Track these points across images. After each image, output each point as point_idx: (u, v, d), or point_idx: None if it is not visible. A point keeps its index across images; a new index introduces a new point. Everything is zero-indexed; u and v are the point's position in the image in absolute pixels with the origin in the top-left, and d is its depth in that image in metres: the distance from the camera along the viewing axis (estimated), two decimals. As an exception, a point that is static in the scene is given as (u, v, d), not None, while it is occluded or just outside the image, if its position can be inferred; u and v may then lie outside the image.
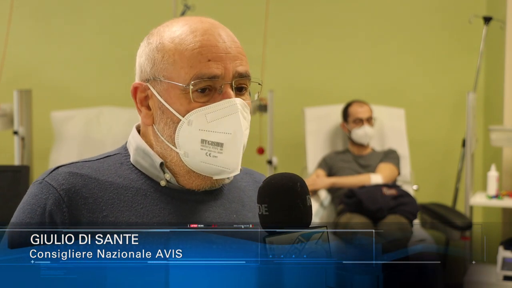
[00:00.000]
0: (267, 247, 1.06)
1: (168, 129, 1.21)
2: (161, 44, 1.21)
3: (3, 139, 4.80)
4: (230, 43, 1.21)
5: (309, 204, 1.09)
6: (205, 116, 1.18)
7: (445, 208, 4.40)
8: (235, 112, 1.18)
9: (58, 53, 5.05)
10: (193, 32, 1.20)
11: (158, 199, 1.21)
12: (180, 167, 1.23)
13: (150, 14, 4.95)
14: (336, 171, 4.33)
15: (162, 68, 1.20)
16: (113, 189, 1.20)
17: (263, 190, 1.10)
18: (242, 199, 1.31)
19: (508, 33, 4.51)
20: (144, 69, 1.24)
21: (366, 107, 4.41)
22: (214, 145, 1.18)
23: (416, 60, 4.99)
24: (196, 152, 1.19)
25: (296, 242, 1.06)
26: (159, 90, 1.21)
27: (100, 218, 1.17)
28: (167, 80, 1.20)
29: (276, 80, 4.71)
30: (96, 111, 4.64)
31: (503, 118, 4.53)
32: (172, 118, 1.20)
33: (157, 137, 1.23)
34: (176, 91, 1.19)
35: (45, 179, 1.20)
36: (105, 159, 1.27)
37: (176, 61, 1.19)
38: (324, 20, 5.02)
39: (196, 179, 1.23)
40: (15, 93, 4.21)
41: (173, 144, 1.21)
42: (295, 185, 1.09)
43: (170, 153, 1.22)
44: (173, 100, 1.20)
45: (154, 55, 1.22)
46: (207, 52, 1.18)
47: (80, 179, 1.19)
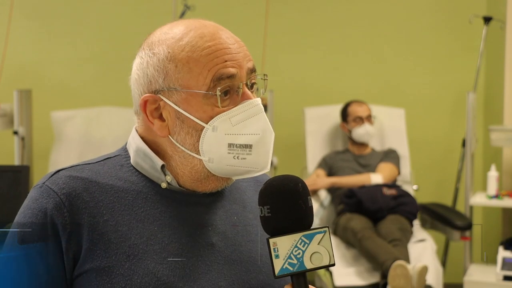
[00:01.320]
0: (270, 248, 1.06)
1: (191, 138, 1.19)
2: (171, 54, 1.19)
3: (3, 139, 4.80)
4: (237, 43, 1.21)
5: (310, 205, 1.10)
6: (230, 120, 1.18)
7: (445, 208, 4.40)
8: (260, 112, 1.19)
9: (58, 53, 5.05)
10: (202, 37, 1.19)
11: (158, 202, 1.21)
12: (200, 173, 1.21)
13: (150, 14, 4.95)
14: (336, 171, 4.33)
15: (177, 77, 1.18)
16: (114, 192, 1.20)
17: (265, 191, 1.10)
18: (243, 200, 1.30)
19: (508, 33, 4.51)
20: (155, 80, 1.20)
21: (365, 106, 4.42)
22: (243, 148, 1.18)
23: (416, 60, 4.99)
24: (223, 157, 1.18)
25: (299, 243, 1.06)
26: (176, 100, 1.19)
27: (101, 222, 1.16)
28: (185, 89, 1.18)
29: (276, 80, 4.71)
30: (96, 111, 4.65)
31: (503, 118, 4.53)
32: (194, 127, 1.18)
33: (175, 148, 1.21)
34: (197, 98, 1.18)
35: (45, 183, 1.19)
36: (105, 161, 1.26)
37: (192, 69, 1.18)
38: (324, 20, 5.02)
39: (213, 182, 1.23)
40: (15, 93, 4.22)
41: (197, 152, 1.19)
42: (296, 186, 1.09)
43: (192, 161, 1.21)
44: (194, 108, 1.18)
45: (166, 66, 1.19)
46: (222, 54, 1.18)
47: (80, 182, 1.19)
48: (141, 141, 1.25)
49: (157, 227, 1.18)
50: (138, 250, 1.15)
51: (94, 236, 1.15)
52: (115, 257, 1.14)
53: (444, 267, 4.48)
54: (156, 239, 1.17)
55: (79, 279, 1.15)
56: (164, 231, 1.18)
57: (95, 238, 1.14)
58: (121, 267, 1.13)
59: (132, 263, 1.14)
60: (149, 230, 1.17)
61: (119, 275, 1.13)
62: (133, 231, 1.16)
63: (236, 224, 1.25)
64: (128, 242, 1.15)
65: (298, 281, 1.08)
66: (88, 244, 1.14)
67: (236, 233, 1.24)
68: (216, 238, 1.21)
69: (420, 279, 3.43)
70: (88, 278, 1.14)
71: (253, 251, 1.24)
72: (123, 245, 1.15)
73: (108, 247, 1.14)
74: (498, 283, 3.86)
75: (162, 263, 1.15)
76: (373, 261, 3.67)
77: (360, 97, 4.57)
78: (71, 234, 1.14)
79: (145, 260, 1.14)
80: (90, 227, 1.15)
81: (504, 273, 3.84)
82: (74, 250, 1.14)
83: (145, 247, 1.15)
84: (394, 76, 5.00)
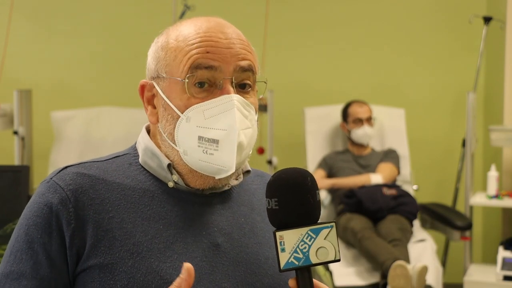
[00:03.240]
0: (277, 241, 1.06)
1: (169, 125, 1.20)
2: (166, 42, 1.22)
3: (3, 139, 4.80)
4: (234, 40, 1.21)
5: (318, 199, 1.09)
6: (203, 113, 1.17)
7: (445, 208, 4.40)
8: (231, 108, 1.17)
9: (58, 53, 5.05)
10: (197, 30, 1.21)
11: (165, 201, 1.21)
12: (182, 166, 1.22)
13: (150, 14, 4.95)
14: (336, 171, 4.33)
15: (164, 64, 1.21)
16: (120, 190, 1.20)
17: (273, 184, 1.09)
18: (252, 202, 1.29)
19: (508, 33, 4.51)
20: (150, 67, 1.25)
21: (366, 107, 4.41)
22: (210, 142, 1.17)
23: (416, 60, 4.99)
24: (194, 150, 1.18)
25: (305, 237, 1.06)
26: (162, 87, 1.22)
27: (106, 219, 1.16)
28: (169, 76, 1.20)
29: (276, 80, 4.71)
30: (96, 111, 4.64)
31: (503, 118, 4.53)
32: (172, 115, 1.20)
33: (162, 136, 1.23)
34: (177, 86, 1.19)
35: (52, 179, 1.19)
36: (114, 159, 1.26)
37: (177, 56, 1.20)
38: (324, 20, 5.02)
39: (198, 178, 1.22)
40: (15, 93, 4.21)
41: (174, 142, 1.20)
42: (305, 180, 1.08)
43: (172, 151, 1.22)
44: (173, 96, 1.20)
45: (159, 53, 1.23)
46: (206, 46, 1.19)
47: (87, 179, 1.19)
48: (150, 140, 1.25)
49: (162, 225, 1.18)
50: (142, 248, 1.15)
51: (99, 232, 1.15)
52: (119, 254, 1.14)
53: (444, 267, 4.49)
54: (161, 238, 1.16)
55: (82, 275, 1.15)
56: (169, 230, 1.18)
57: (99, 235, 1.14)
58: (124, 264, 1.13)
59: (136, 261, 1.14)
60: (154, 229, 1.17)
61: (122, 272, 1.13)
62: (138, 229, 1.16)
63: (243, 226, 1.24)
64: (132, 240, 1.15)
65: (302, 275, 1.07)
66: (92, 240, 1.14)
67: (243, 234, 1.23)
68: (222, 239, 1.21)
69: (420, 279, 3.43)
70: (91, 274, 1.14)
71: (260, 253, 1.23)
72: (128, 242, 1.15)
73: (113, 244, 1.14)
74: (498, 283, 3.86)
75: (166, 262, 1.14)
76: (373, 261, 3.67)
77: (360, 97, 4.57)
78: (75, 229, 1.14)
79: (149, 258, 1.14)
80: (95, 224, 1.15)
81: (504, 273, 3.84)
82: (78, 245, 1.14)
83: (150, 245, 1.15)
84: (394, 76, 5.00)
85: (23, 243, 1.15)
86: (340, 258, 1.08)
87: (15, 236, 1.18)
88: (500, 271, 3.85)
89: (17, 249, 1.16)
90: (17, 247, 1.16)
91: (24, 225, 1.17)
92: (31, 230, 1.15)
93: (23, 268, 1.14)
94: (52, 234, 1.14)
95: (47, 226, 1.15)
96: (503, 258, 3.89)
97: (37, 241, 1.14)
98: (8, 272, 1.15)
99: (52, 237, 1.14)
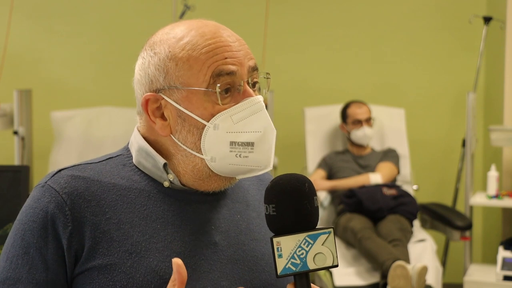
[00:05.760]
0: (274, 247, 1.06)
1: (192, 136, 1.19)
2: (172, 52, 1.20)
3: (3, 139, 4.80)
4: (238, 42, 1.21)
5: (316, 206, 1.09)
6: (231, 118, 1.17)
7: (445, 208, 4.40)
8: (261, 109, 1.19)
9: (58, 53, 5.05)
10: (203, 36, 1.19)
11: (161, 200, 1.21)
12: (202, 172, 1.21)
13: (150, 14, 4.95)
14: (336, 171, 4.33)
15: (178, 75, 1.19)
16: (116, 190, 1.20)
17: (271, 190, 1.10)
18: (247, 199, 1.30)
19: (508, 33, 4.51)
20: (156, 79, 1.21)
21: (365, 108, 4.41)
22: (245, 146, 1.17)
23: (416, 60, 4.99)
24: (225, 155, 1.18)
25: (303, 243, 1.06)
26: (177, 99, 1.19)
27: (103, 220, 1.16)
28: (186, 87, 1.18)
29: (276, 80, 4.69)
30: (96, 111, 4.64)
31: (503, 118, 4.53)
32: (195, 125, 1.18)
33: (177, 146, 1.21)
34: (198, 96, 1.18)
35: (47, 183, 1.19)
36: (107, 161, 1.26)
37: (192, 66, 1.18)
38: (324, 20, 5.02)
39: (216, 181, 1.22)
40: (15, 93, 4.21)
41: (198, 151, 1.19)
42: (303, 186, 1.09)
43: (194, 160, 1.20)
44: (195, 106, 1.18)
45: (166, 64, 1.19)
46: (222, 52, 1.18)
47: (82, 181, 1.19)
48: (143, 140, 1.25)
49: (159, 225, 1.18)
50: (140, 247, 1.15)
51: (97, 234, 1.15)
52: (118, 254, 1.14)
53: (444, 267, 4.49)
54: (159, 237, 1.17)
55: (81, 277, 1.15)
56: (167, 229, 1.18)
57: (97, 236, 1.14)
58: (123, 265, 1.13)
59: (135, 261, 1.14)
60: (151, 228, 1.17)
61: (121, 272, 1.13)
62: (135, 229, 1.16)
63: (239, 223, 1.25)
64: (130, 240, 1.15)
65: (300, 281, 1.07)
66: (90, 242, 1.14)
67: (239, 232, 1.24)
68: (219, 237, 1.21)
69: (420, 279, 3.43)
70: (90, 276, 1.14)
71: (256, 250, 1.24)
72: (126, 242, 1.15)
73: (111, 245, 1.14)
74: (498, 283, 3.86)
75: (165, 261, 1.14)
76: (373, 261, 3.67)
77: (360, 97, 4.57)
78: (72, 232, 1.14)
79: (148, 258, 1.14)
80: (93, 226, 1.15)
81: (504, 273, 3.84)
82: (76, 248, 1.14)
83: (148, 244, 1.15)
84: (394, 76, 5.00)
85: (19, 249, 1.15)
86: (338, 263, 1.08)
87: (11, 241, 1.18)
88: (500, 271, 3.85)
89: (13, 254, 1.16)
90: (13, 252, 1.16)
91: (20, 230, 1.16)
92: (27, 236, 1.15)
93: (19, 274, 1.14)
94: (48, 239, 1.14)
95: (43, 231, 1.14)
96: (503, 258, 3.89)
97: (33, 246, 1.14)
98: (5, 278, 1.14)
99: (48, 241, 1.14)
